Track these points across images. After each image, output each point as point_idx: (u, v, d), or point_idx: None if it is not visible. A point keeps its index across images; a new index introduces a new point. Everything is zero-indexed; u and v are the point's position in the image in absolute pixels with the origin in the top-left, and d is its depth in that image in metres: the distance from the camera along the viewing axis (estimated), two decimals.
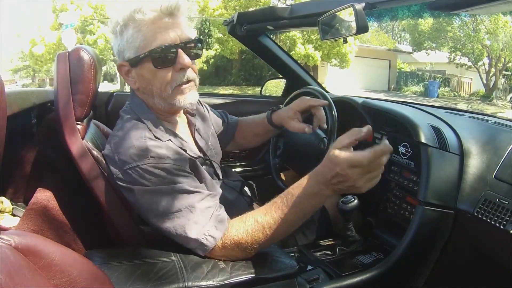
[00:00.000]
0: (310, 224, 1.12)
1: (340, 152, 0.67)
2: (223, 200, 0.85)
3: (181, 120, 0.94)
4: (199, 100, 1.01)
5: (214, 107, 1.19)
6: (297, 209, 0.73)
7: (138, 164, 0.75)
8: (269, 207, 0.75)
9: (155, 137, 0.80)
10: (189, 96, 0.82)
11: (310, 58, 12.00)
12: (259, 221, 0.74)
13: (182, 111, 0.94)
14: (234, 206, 0.91)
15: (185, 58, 0.78)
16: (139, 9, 0.75)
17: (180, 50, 0.77)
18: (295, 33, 11.66)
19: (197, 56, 0.83)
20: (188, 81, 0.81)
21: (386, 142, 0.67)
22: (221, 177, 1.01)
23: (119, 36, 0.79)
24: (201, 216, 0.75)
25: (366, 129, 0.69)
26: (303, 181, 0.73)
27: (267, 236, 0.74)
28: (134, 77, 0.83)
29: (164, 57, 0.77)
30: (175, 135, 0.86)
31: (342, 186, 0.69)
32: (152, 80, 0.79)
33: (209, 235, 0.74)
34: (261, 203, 0.79)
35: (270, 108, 1.14)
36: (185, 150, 0.85)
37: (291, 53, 1.59)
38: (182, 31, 0.78)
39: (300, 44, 11.98)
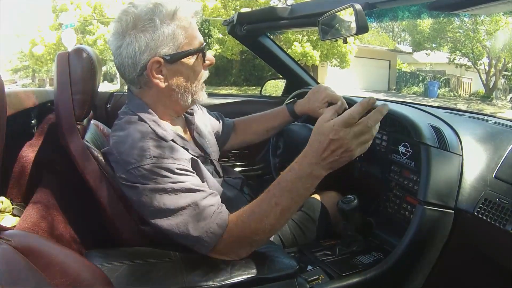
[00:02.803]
0: (310, 224, 1.12)
1: (328, 121, 0.68)
2: (223, 198, 0.85)
3: (180, 119, 0.95)
4: None
5: (214, 107, 1.20)
6: (292, 194, 0.72)
7: (141, 164, 0.75)
8: (264, 197, 0.75)
9: (159, 137, 0.80)
10: (205, 94, 0.90)
11: (309, 57, 12.00)
12: (256, 212, 0.74)
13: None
14: (235, 203, 0.91)
15: (211, 56, 0.86)
16: (180, 8, 0.78)
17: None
18: (290, 33, 11.65)
19: None
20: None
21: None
22: (221, 174, 1.01)
23: (151, 31, 0.76)
24: (204, 214, 0.75)
25: (340, 101, 0.72)
26: (294, 165, 0.72)
27: (265, 225, 0.74)
28: (165, 74, 0.81)
29: (203, 54, 0.84)
30: (177, 135, 0.86)
31: (335, 156, 0.68)
32: (190, 75, 0.83)
33: (211, 233, 0.74)
34: None
35: (288, 101, 1.20)
36: (187, 149, 0.85)
37: (288, 52, 1.60)
38: None
39: (297, 42, 11.96)
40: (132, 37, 0.77)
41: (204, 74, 0.87)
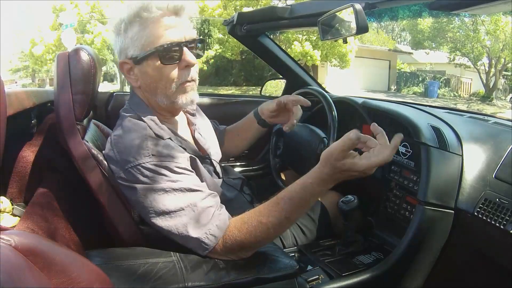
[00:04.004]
0: (310, 224, 1.12)
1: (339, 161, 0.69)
2: (223, 198, 0.85)
3: (181, 119, 0.95)
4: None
5: (214, 107, 1.19)
6: (304, 209, 0.76)
7: (140, 163, 0.75)
8: (273, 209, 0.75)
9: (156, 135, 0.80)
10: (191, 95, 0.83)
11: (309, 57, 11.98)
12: (264, 223, 0.74)
13: (182, 111, 0.95)
14: (234, 204, 0.91)
15: (190, 56, 0.79)
16: (146, 7, 0.75)
17: (185, 48, 0.79)
18: (291, 33, 11.64)
19: (199, 56, 0.84)
20: (192, 80, 0.82)
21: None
22: (221, 175, 1.01)
23: (122, 33, 0.79)
24: (203, 215, 0.75)
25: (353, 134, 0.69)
26: (308, 185, 0.73)
27: (270, 235, 0.77)
28: (136, 75, 0.82)
29: (170, 54, 0.78)
30: (175, 134, 0.86)
31: (346, 174, 0.71)
32: (157, 77, 0.80)
33: (210, 234, 0.74)
34: (261, 202, 0.79)
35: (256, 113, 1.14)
36: (185, 149, 0.85)
37: (287, 51, 1.60)
38: (186, 30, 0.80)
39: (297, 42, 11.96)
40: (114, 40, 0.82)
41: (180, 75, 0.80)
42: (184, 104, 0.83)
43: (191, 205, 0.75)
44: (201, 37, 0.84)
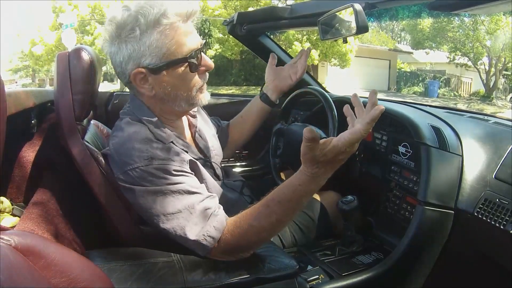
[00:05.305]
0: (310, 224, 1.12)
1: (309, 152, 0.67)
2: (224, 200, 0.85)
3: (183, 121, 0.94)
4: None
5: (214, 107, 1.19)
6: (295, 211, 0.75)
7: (139, 166, 0.75)
8: (263, 211, 0.74)
9: (156, 139, 0.80)
10: (207, 95, 0.86)
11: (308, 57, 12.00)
12: (254, 225, 0.74)
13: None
14: (235, 206, 0.91)
15: (208, 61, 0.81)
16: (163, 13, 0.72)
17: (202, 53, 0.80)
18: (292, 32, 11.65)
19: None
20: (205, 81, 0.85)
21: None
22: (222, 177, 1.01)
23: (134, 41, 0.74)
24: (200, 218, 0.75)
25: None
26: (297, 187, 0.72)
27: (263, 238, 0.77)
28: (151, 84, 0.78)
29: (195, 61, 0.78)
30: (177, 137, 0.86)
31: (332, 163, 0.70)
32: (179, 84, 0.79)
33: (208, 236, 0.74)
34: None
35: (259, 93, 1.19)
36: (186, 152, 0.85)
37: (288, 51, 1.58)
38: (198, 35, 0.81)
39: (297, 42, 11.95)
40: (116, 47, 0.76)
41: (200, 79, 0.82)
42: (202, 104, 0.86)
43: (189, 207, 0.75)
44: (200, 37, 0.83)
